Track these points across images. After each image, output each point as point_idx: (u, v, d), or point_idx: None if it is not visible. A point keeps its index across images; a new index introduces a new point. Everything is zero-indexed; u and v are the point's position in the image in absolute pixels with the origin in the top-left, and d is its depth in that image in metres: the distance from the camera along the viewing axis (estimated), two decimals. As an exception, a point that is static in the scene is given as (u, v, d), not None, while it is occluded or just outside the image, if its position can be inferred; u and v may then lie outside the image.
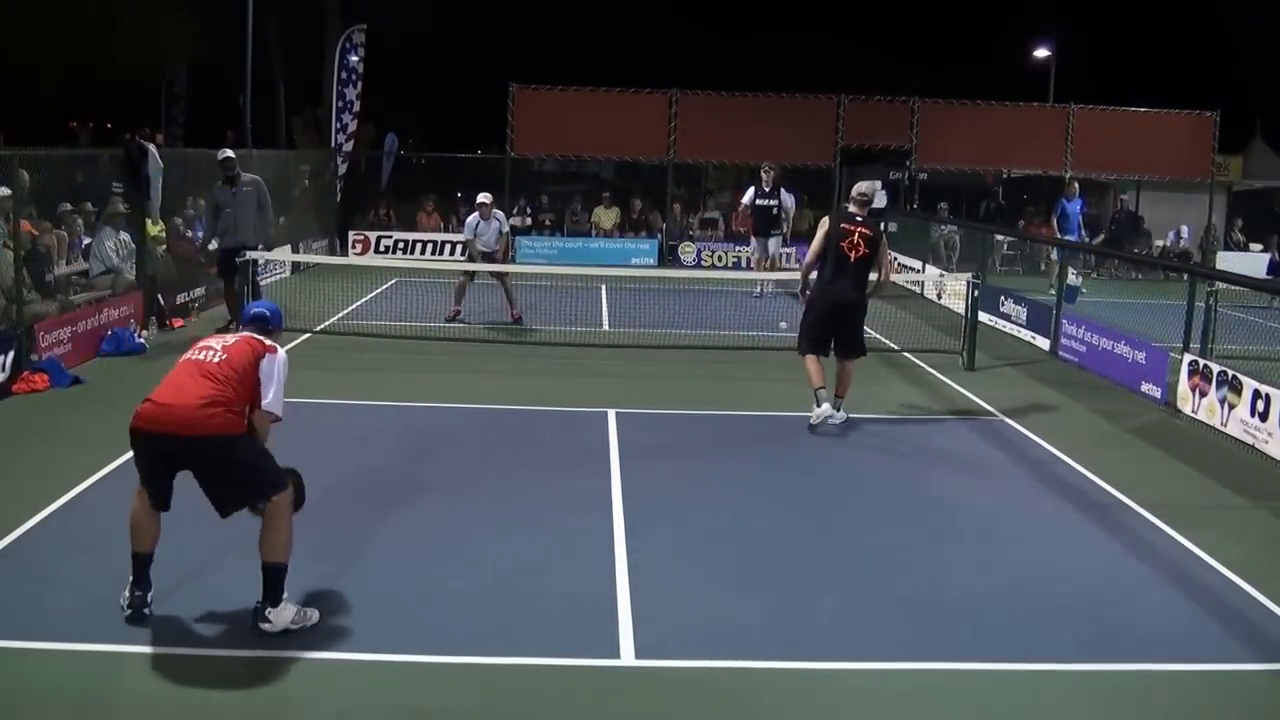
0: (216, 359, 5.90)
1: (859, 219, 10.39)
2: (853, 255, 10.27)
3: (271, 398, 5.95)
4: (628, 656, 5.80)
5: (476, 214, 16.28)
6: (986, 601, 6.66)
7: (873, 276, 10.63)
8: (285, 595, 5.82)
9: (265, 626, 5.76)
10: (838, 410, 10.42)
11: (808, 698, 5.52)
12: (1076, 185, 23.15)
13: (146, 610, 5.82)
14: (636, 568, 6.94)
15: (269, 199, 15.25)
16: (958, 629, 6.29)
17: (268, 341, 6.13)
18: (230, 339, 6.08)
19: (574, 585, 6.69)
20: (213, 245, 15.43)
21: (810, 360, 10.49)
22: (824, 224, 10.54)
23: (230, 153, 15.13)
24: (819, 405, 10.29)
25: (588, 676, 5.62)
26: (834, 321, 10.46)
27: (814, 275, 10.62)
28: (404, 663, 5.65)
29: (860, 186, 10.65)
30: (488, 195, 16.50)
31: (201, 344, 6.08)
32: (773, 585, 6.82)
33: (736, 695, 5.50)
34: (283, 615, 5.80)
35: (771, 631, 6.17)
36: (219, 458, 5.77)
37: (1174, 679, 5.82)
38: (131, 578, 5.86)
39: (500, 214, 16.64)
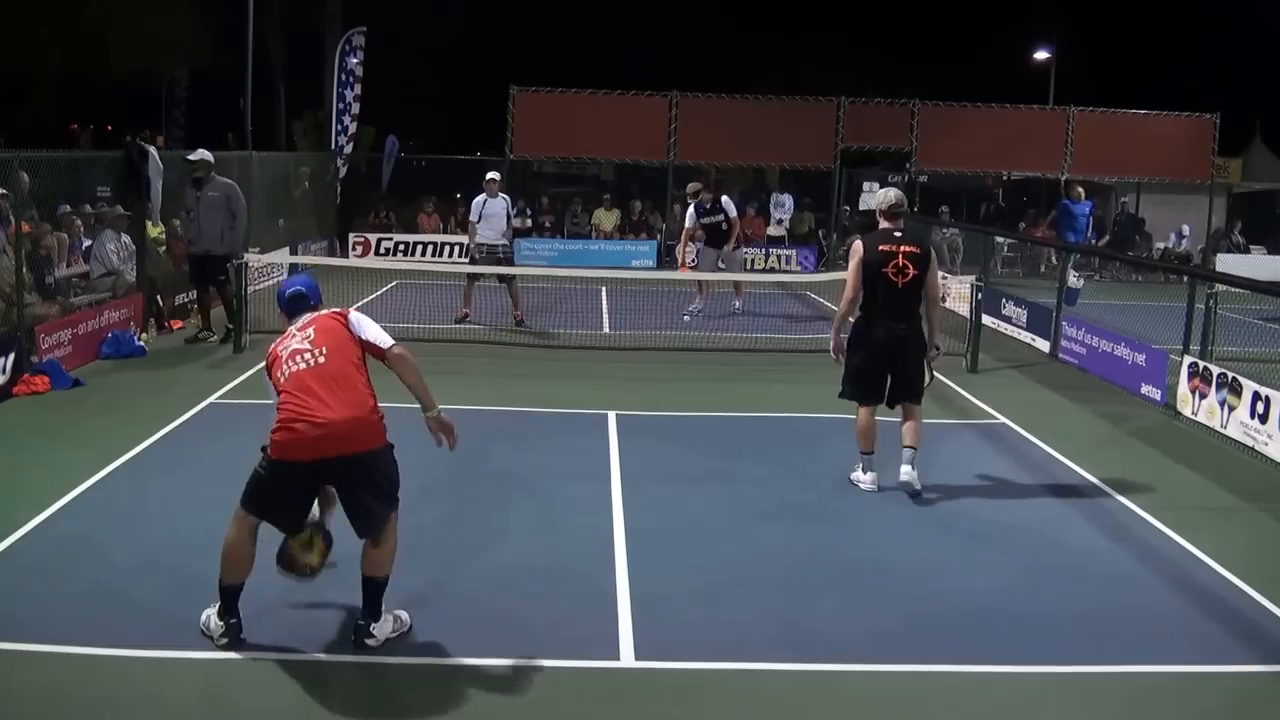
0: (323, 358, 5.77)
1: (897, 235, 8.57)
2: (900, 281, 8.45)
3: (384, 338, 6.03)
4: (628, 658, 5.81)
5: (484, 193, 16.35)
6: (986, 603, 6.66)
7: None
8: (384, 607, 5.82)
9: (370, 643, 5.72)
10: (912, 468, 8.55)
11: (808, 699, 5.52)
12: (1081, 189, 23.15)
13: (242, 635, 5.70)
14: (636, 569, 6.94)
15: (243, 206, 14.42)
16: (958, 630, 6.29)
17: (331, 310, 6.10)
18: (302, 337, 5.93)
19: (574, 586, 6.70)
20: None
21: (864, 414, 8.69)
22: (856, 250, 8.73)
23: (202, 154, 14.39)
24: (865, 470, 8.68)
25: (587, 677, 5.63)
26: (888, 361, 8.60)
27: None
28: (404, 664, 5.66)
29: (887, 196, 8.81)
30: (496, 173, 16.79)
31: (287, 353, 5.87)
32: (773, 586, 6.82)
33: (737, 696, 5.50)
34: (384, 628, 5.79)
35: (771, 633, 6.17)
36: (380, 467, 5.76)
37: (1174, 681, 5.82)
38: (220, 604, 5.72)
39: (508, 197, 16.74)
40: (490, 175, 16.67)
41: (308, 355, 5.75)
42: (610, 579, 6.80)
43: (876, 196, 8.99)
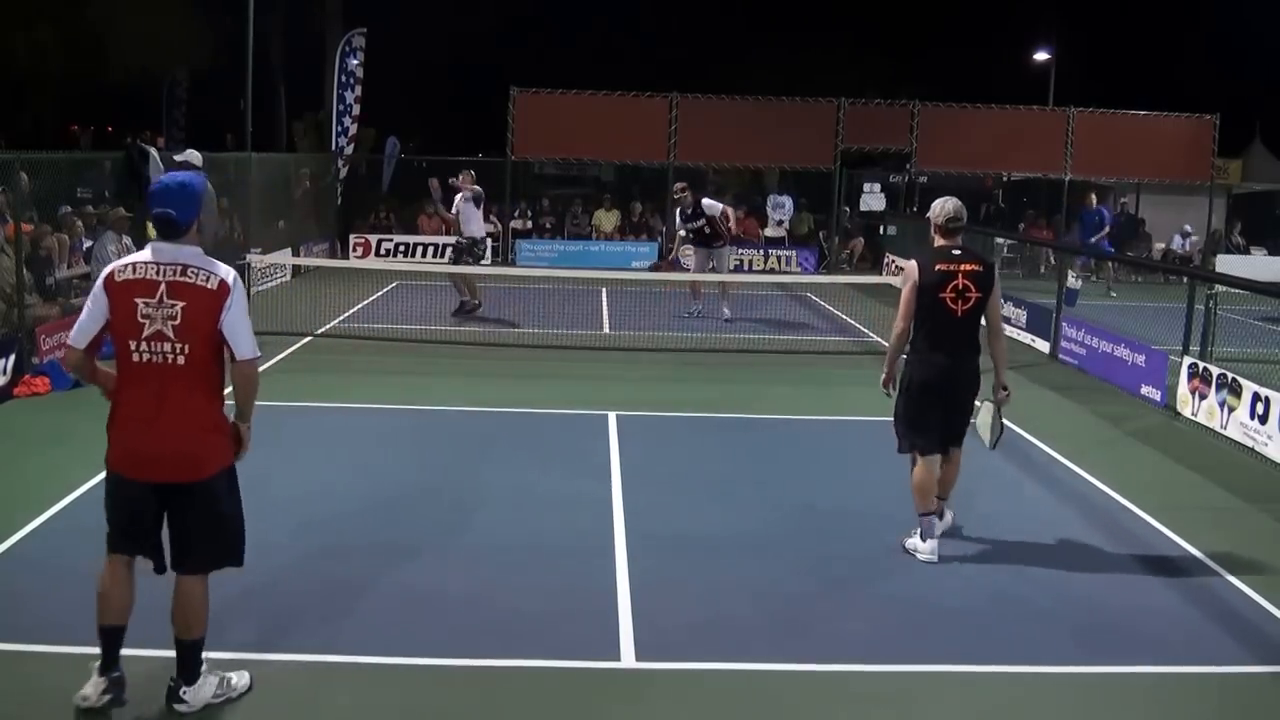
0: (182, 358, 4.79)
1: (956, 253, 7.35)
2: (960, 307, 7.21)
3: (246, 346, 4.90)
4: (628, 658, 5.81)
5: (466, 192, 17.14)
6: (986, 603, 6.66)
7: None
8: (204, 666, 5.18)
9: (182, 708, 5.04)
10: (946, 510, 7.71)
11: (808, 699, 5.52)
12: (1094, 196, 23.27)
13: (125, 699, 5.03)
14: (636, 569, 6.94)
15: (213, 211, 14.22)
16: (957, 630, 6.30)
17: (212, 276, 4.83)
18: (166, 308, 4.76)
19: (574, 587, 6.70)
20: None
21: (925, 469, 7.36)
22: (910, 272, 7.39)
23: (185, 155, 14.22)
24: (925, 538, 7.29)
25: (588, 678, 5.63)
26: (948, 401, 7.36)
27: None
28: (404, 665, 5.66)
29: (945, 207, 7.54)
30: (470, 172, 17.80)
31: (144, 317, 4.79)
32: (773, 587, 6.83)
33: (737, 697, 5.50)
34: (202, 692, 5.09)
35: (772, 633, 6.18)
36: (211, 502, 4.97)
37: (1173, 681, 5.82)
38: (100, 659, 5.03)
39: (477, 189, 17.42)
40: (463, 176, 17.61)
41: (168, 349, 4.79)
42: (610, 579, 6.79)
43: (933, 209, 7.62)
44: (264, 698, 5.29)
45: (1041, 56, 36.96)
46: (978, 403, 7.59)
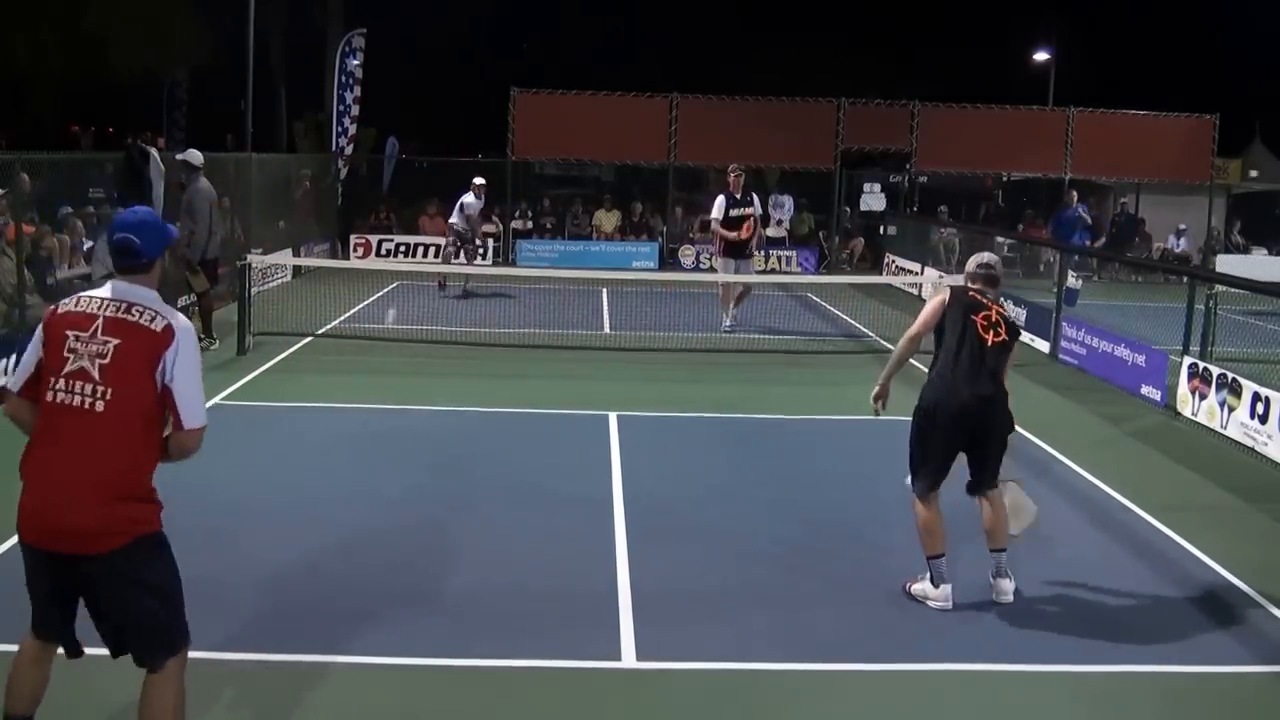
0: (102, 404, 4.07)
1: (991, 296, 6.97)
2: (989, 338, 6.68)
3: (196, 410, 4.28)
4: (629, 659, 5.81)
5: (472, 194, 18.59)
6: (986, 604, 6.65)
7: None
8: None
9: None
10: (1009, 579, 6.74)
11: (809, 700, 5.52)
12: (1075, 194, 23.28)
13: None
14: (638, 570, 6.94)
15: (205, 216, 13.74)
16: (958, 631, 6.30)
17: (158, 318, 4.18)
18: (97, 345, 4.11)
19: (575, 588, 6.70)
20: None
21: (923, 508, 6.68)
22: (941, 293, 7.03)
23: (185, 154, 14.07)
24: (936, 584, 6.62)
25: (589, 679, 5.63)
26: (968, 437, 6.68)
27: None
28: (406, 666, 5.66)
29: (980, 257, 7.11)
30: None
31: (72, 350, 4.14)
32: (774, 587, 6.83)
33: (738, 698, 5.50)
34: None
35: (774, 633, 6.18)
36: (122, 579, 4.14)
37: (1174, 681, 5.82)
38: None
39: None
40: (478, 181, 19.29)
41: (88, 390, 4.09)
42: (611, 580, 6.79)
43: (970, 260, 7.16)
44: (264, 698, 5.29)
45: (1041, 56, 36.98)
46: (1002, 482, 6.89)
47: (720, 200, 16.31)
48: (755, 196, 16.81)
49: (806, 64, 36.16)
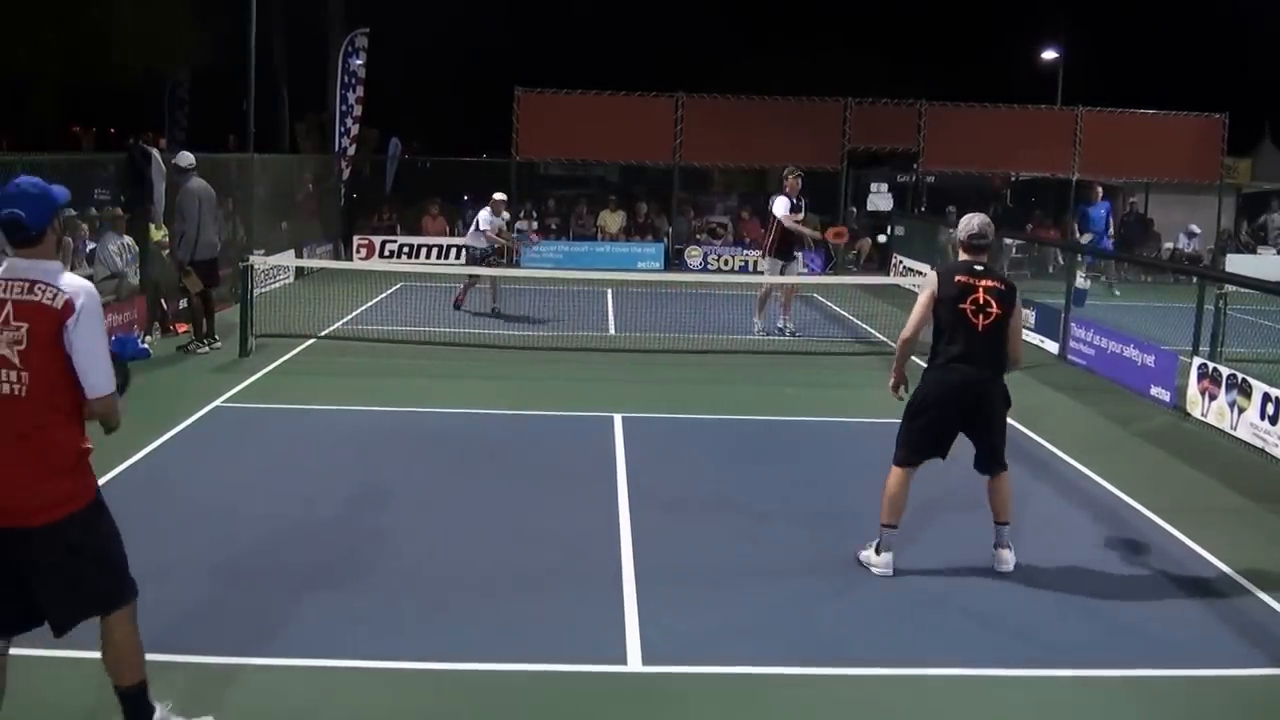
0: (23, 389, 4.19)
1: (978, 268, 7.11)
2: (980, 321, 6.95)
3: (98, 378, 4.31)
4: (634, 662, 5.76)
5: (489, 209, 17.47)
6: (995, 606, 6.61)
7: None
8: (158, 712, 4.75)
9: None
10: (1009, 550, 7.20)
11: (816, 703, 5.48)
12: (1100, 189, 23.11)
13: None
14: (643, 573, 6.89)
15: (191, 212, 13.74)
16: (965, 633, 6.24)
17: (59, 295, 4.21)
18: (10, 333, 4.17)
19: (580, 591, 6.65)
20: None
21: (896, 477, 7.10)
22: (929, 283, 7.22)
23: (177, 158, 14.12)
24: (880, 550, 7.06)
25: (595, 682, 5.58)
26: (961, 418, 7.08)
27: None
28: (411, 670, 5.62)
29: (969, 224, 7.23)
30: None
31: None
32: (780, 590, 6.77)
33: (744, 701, 5.45)
34: None
35: (780, 637, 6.12)
36: (69, 549, 4.30)
37: (1183, 684, 5.77)
38: None
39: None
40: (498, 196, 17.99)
41: (12, 378, 4.18)
42: (617, 583, 6.74)
43: (960, 225, 7.34)
44: (262, 700, 5.25)
45: (1049, 55, 36.84)
46: None
47: (784, 200, 16.19)
48: (804, 200, 16.74)
49: (813, 63, 36.04)
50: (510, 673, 5.62)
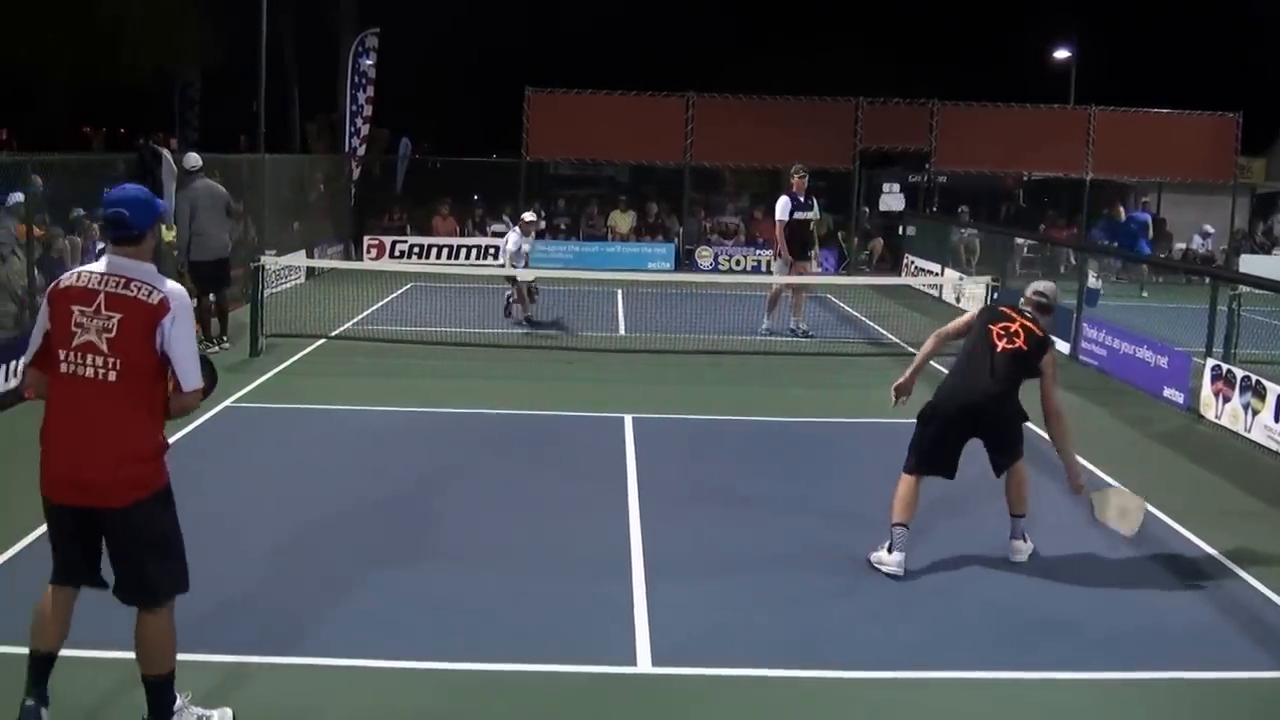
0: (114, 375, 4.48)
1: (1027, 312, 7.46)
2: (1000, 345, 7.20)
3: (189, 374, 4.63)
4: (644, 663, 5.75)
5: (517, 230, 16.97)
6: (1005, 609, 6.58)
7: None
8: (179, 701, 4.84)
9: None
10: (1024, 540, 7.44)
11: (825, 705, 5.45)
12: (1121, 207, 23.14)
13: None
14: (653, 574, 6.87)
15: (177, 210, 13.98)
16: (975, 636, 6.21)
17: (155, 292, 4.54)
18: (101, 320, 4.49)
19: (590, 591, 6.63)
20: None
21: (905, 483, 7.21)
22: (978, 312, 7.83)
23: (184, 158, 14.28)
24: (891, 550, 7.06)
25: (604, 683, 5.56)
26: (969, 430, 7.24)
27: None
28: (419, 670, 5.61)
29: (1040, 283, 7.72)
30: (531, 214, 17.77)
31: (77, 325, 4.50)
32: (790, 592, 6.75)
33: (753, 702, 5.43)
34: None
35: (790, 639, 6.08)
36: (132, 532, 4.62)
37: (1197, 686, 5.73)
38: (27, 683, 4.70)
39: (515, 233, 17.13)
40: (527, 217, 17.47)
41: (99, 362, 4.49)
42: (627, 583, 6.72)
43: (1030, 285, 7.77)
44: (264, 700, 5.23)
45: (1062, 55, 36.71)
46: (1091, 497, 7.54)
47: (785, 201, 16.15)
48: (815, 199, 16.64)
49: (824, 63, 35.97)
50: (519, 673, 5.60)
